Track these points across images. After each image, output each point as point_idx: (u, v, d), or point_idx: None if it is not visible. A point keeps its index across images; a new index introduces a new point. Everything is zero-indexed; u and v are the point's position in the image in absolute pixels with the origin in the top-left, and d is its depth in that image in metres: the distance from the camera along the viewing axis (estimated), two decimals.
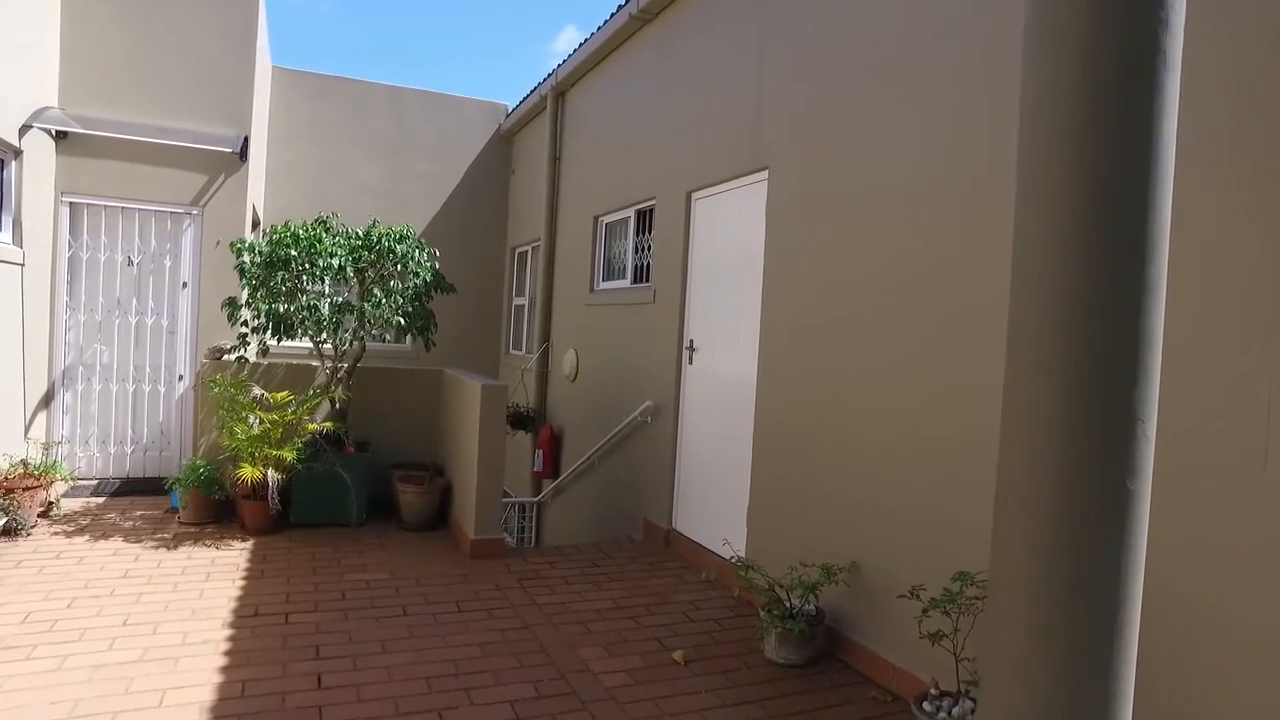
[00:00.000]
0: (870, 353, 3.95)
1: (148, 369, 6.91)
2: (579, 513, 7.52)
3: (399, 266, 5.81)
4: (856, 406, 4.02)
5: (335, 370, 5.97)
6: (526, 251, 10.13)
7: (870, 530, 3.87)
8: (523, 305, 10.23)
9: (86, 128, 6.47)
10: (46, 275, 6.43)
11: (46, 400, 6.54)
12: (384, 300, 5.63)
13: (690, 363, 5.77)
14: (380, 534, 5.72)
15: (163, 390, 6.94)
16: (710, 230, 5.66)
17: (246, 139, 7.01)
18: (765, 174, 4.98)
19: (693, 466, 5.69)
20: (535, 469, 8.22)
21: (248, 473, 5.23)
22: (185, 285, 6.95)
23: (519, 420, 8.50)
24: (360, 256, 5.72)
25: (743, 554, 4.88)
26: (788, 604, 3.88)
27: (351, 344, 5.85)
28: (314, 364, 6.18)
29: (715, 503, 5.37)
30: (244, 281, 5.52)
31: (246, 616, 4.07)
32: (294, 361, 6.38)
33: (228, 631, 3.86)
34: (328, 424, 5.66)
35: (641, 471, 6.34)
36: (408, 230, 5.98)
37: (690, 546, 5.53)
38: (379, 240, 5.72)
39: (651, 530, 6.02)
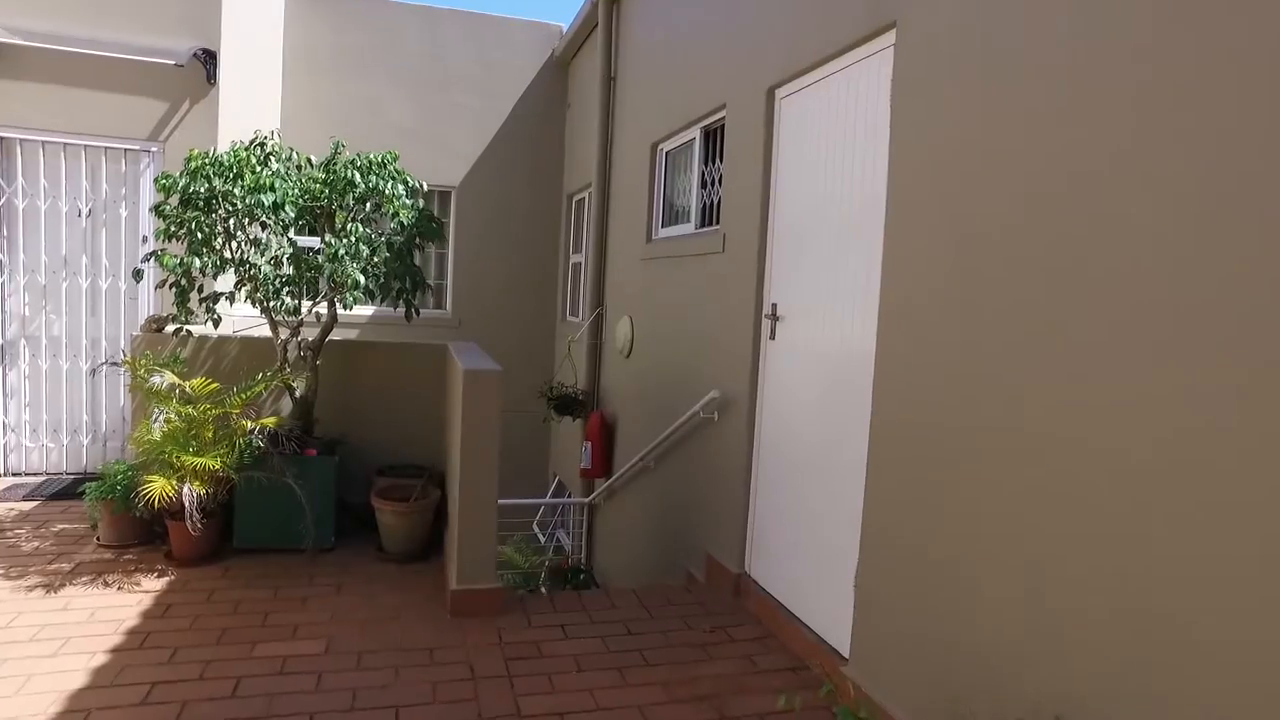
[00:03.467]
0: (1112, 345, 2.08)
1: (104, 342, 5.68)
2: (634, 524, 5.90)
3: (366, 205, 4.25)
4: (1074, 431, 2.16)
5: (296, 347, 4.50)
6: (584, 199, 8.46)
7: (1107, 649, 2.03)
8: (580, 263, 8.59)
9: (5, 36, 5.18)
10: None
11: None
12: (342, 251, 4.07)
13: (772, 337, 3.99)
14: (346, 567, 4.26)
15: (124, 369, 5.70)
16: (801, 142, 3.81)
17: (210, 53, 5.58)
18: (891, 36, 3.09)
19: (774, 489, 3.94)
20: (583, 465, 6.63)
21: (157, 487, 3.84)
22: (146, 240, 5.66)
23: (564, 404, 6.91)
24: (314, 192, 4.18)
25: (846, 642, 3.12)
26: None
27: (301, 311, 4.34)
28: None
29: (807, 546, 3.61)
30: (162, 229, 4.09)
31: None
32: (259, 334, 4.96)
33: None
34: (270, 420, 4.19)
35: (705, 487, 4.62)
36: (386, 157, 4.40)
37: (769, 606, 3.80)
38: (338, 171, 4.16)
39: (716, 572, 4.31)
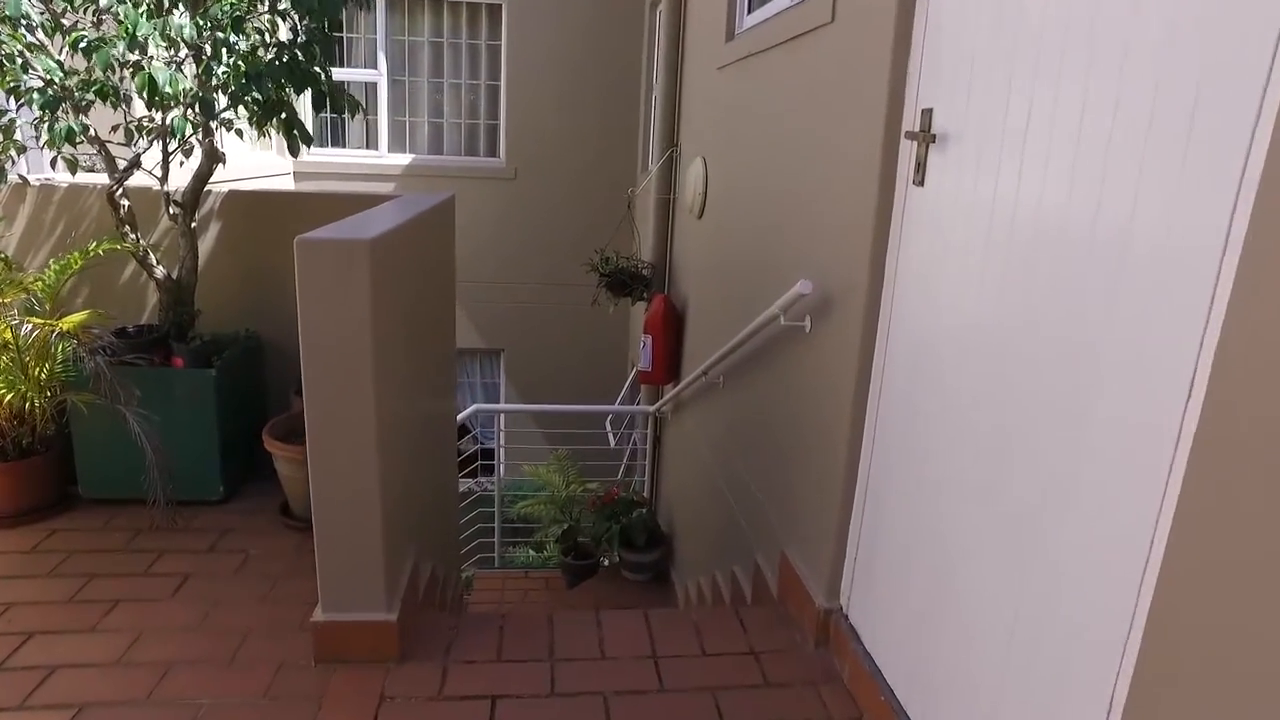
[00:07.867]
0: None
1: None
2: (700, 461, 4.19)
3: None
4: None
5: (165, 200, 2.93)
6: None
7: None
8: None
9: None
10: None
11: None
12: (141, 29, 2.32)
13: (918, 179, 1.97)
14: (221, 537, 2.82)
15: None
16: None
17: None
18: None
19: (909, 478, 2.04)
20: (641, 367, 4.91)
21: None
22: None
23: (620, 281, 5.12)
24: None
25: None
26: None
27: (171, 146, 2.67)
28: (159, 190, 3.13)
29: (980, 616, 1.74)
30: None
31: None
32: (136, 185, 3.38)
33: None
34: (72, 319, 2.65)
35: (786, 443, 2.77)
36: None
37: (878, 701, 2.01)
38: None
39: (792, 592, 2.54)
